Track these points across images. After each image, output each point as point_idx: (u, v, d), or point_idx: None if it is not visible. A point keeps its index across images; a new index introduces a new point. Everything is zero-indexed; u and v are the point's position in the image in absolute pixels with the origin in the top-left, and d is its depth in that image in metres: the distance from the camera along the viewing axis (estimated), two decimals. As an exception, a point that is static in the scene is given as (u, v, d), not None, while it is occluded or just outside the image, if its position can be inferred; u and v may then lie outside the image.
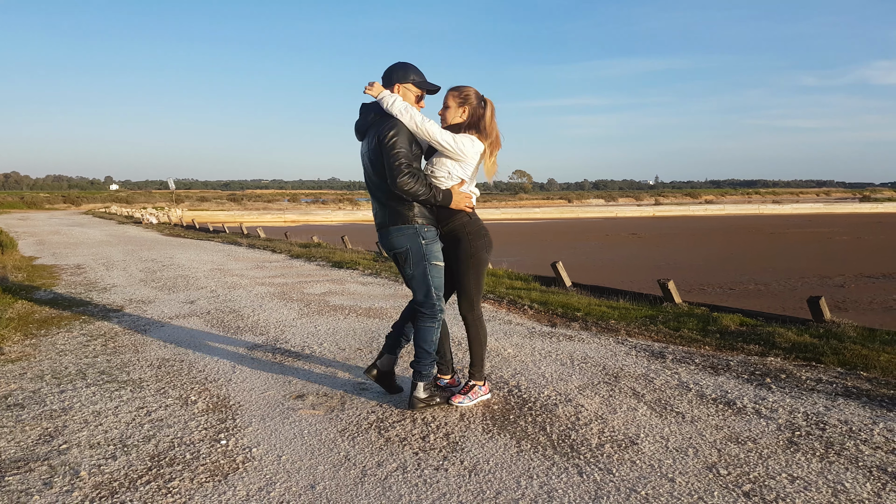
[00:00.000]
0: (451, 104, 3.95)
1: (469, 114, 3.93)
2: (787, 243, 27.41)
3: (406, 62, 3.97)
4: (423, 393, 3.92)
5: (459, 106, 3.93)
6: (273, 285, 9.41)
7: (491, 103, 3.96)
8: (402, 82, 3.92)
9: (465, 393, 4.01)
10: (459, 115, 3.94)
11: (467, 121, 3.93)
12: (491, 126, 3.93)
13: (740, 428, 3.60)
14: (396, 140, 3.72)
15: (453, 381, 4.25)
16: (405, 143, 3.74)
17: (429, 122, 3.78)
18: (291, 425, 3.72)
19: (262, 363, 5.08)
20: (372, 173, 3.90)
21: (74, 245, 17.36)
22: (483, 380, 4.09)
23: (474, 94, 3.94)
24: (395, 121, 3.77)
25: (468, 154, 3.85)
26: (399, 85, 3.91)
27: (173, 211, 48.02)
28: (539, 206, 76.08)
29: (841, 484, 2.92)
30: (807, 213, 60.22)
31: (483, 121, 3.91)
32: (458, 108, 3.94)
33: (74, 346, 5.63)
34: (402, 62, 3.97)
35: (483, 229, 4.00)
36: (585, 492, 2.88)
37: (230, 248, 16.03)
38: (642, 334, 5.94)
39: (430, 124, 3.78)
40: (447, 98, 3.98)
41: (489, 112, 3.93)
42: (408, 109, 3.76)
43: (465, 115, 3.93)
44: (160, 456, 3.30)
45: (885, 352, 4.95)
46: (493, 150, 3.96)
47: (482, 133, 3.91)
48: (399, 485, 2.97)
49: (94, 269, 11.76)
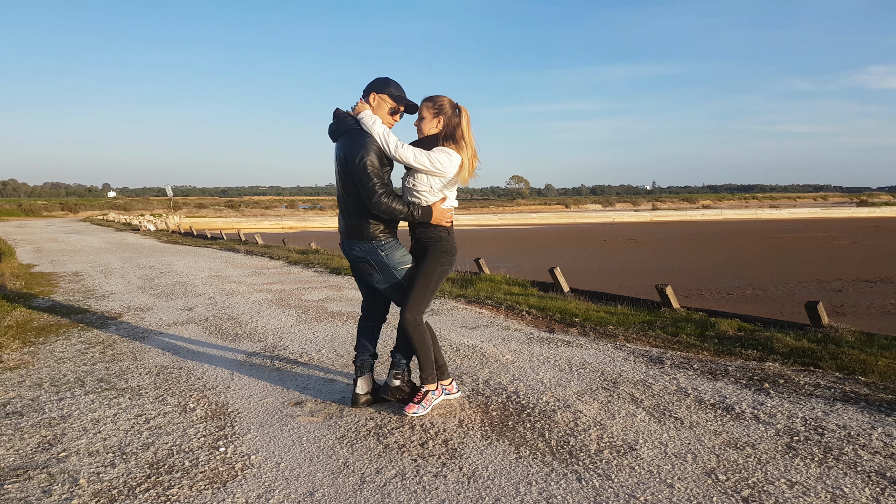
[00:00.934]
0: (425, 115, 3.95)
1: (444, 124, 3.92)
2: (785, 248, 27.46)
3: (388, 77, 4.01)
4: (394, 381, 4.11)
5: (434, 116, 3.92)
6: (271, 292, 9.40)
7: (466, 111, 3.93)
8: (379, 92, 3.94)
9: (419, 402, 4.00)
10: (435, 126, 3.93)
11: (443, 131, 3.91)
12: (468, 135, 3.91)
13: (739, 433, 3.61)
14: (366, 161, 3.75)
15: (451, 389, 4.25)
16: (376, 162, 3.77)
17: (402, 148, 3.79)
18: (290, 432, 3.72)
19: (260, 370, 5.08)
20: (339, 181, 3.99)
21: (72, 252, 17.35)
22: (436, 383, 4.06)
23: (448, 104, 3.93)
24: (364, 139, 3.78)
25: (447, 170, 3.85)
26: (375, 94, 3.94)
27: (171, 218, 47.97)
28: (536, 211, 76.15)
29: (840, 489, 2.93)
30: (804, 217, 60.32)
31: (459, 130, 3.89)
32: (433, 119, 3.93)
33: (73, 354, 5.63)
34: (384, 77, 4.01)
35: (454, 248, 4.01)
36: (584, 498, 2.89)
37: (228, 255, 16.03)
38: (640, 340, 5.95)
39: (405, 150, 3.79)
40: (421, 109, 3.97)
41: (464, 121, 3.91)
42: (384, 134, 3.79)
43: (440, 126, 3.92)
44: (159, 463, 3.30)
45: (883, 356, 4.96)
46: (473, 160, 3.94)
47: (458, 144, 3.89)
48: (398, 491, 2.97)
49: (93, 276, 11.75)
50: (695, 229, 43.55)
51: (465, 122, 3.92)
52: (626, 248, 29.05)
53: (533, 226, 50.84)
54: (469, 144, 3.91)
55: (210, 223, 48.80)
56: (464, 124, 3.91)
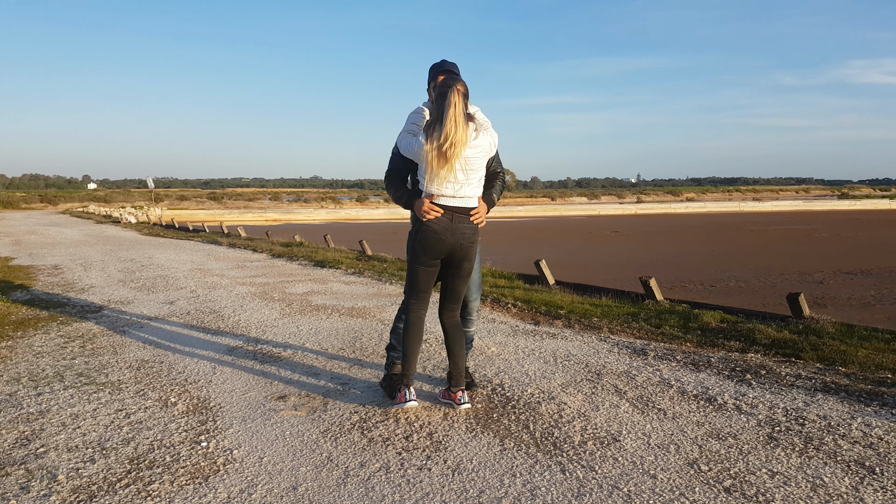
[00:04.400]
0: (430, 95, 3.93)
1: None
2: (768, 240, 27.71)
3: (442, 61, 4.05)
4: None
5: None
6: (254, 285, 9.34)
7: (444, 87, 3.64)
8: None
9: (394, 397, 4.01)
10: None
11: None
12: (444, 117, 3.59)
13: (721, 424, 3.63)
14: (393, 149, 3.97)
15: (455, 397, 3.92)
16: (395, 150, 3.95)
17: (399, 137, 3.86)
18: (273, 427, 3.69)
19: (243, 364, 5.04)
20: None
21: (51, 245, 17.13)
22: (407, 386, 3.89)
23: (433, 77, 3.85)
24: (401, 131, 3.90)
25: (406, 153, 3.79)
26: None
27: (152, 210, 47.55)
28: (522, 204, 76.25)
29: (820, 478, 2.95)
30: (787, 210, 60.93)
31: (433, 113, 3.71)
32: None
33: (52, 348, 5.55)
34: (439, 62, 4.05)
35: (423, 241, 3.75)
36: (568, 489, 2.89)
37: (210, 248, 15.89)
38: (624, 332, 5.97)
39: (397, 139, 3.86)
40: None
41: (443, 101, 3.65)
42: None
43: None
44: (139, 459, 3.26)
45: (863, 347, 5.02)
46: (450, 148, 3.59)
47: (426, 129, 3.69)
48: (382, 485, 2.96)
49: (72, 269, 11.61)
50: (679, 222, 43.84)
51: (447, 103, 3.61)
52: (610, 240, 29.18)
53: (519, 218, 50.92)
54: (443, 130, 3.59)
55: (192, 215, 48.37)
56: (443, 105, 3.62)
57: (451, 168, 3.64)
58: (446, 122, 3.57)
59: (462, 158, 3.65)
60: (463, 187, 3.73)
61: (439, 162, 3.62)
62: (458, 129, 3.59)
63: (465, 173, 3.69)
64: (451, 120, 3.57)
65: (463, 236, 3.77)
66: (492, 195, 4.03)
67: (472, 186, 3.76)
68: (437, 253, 3.81)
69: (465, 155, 3.66)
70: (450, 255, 3.82)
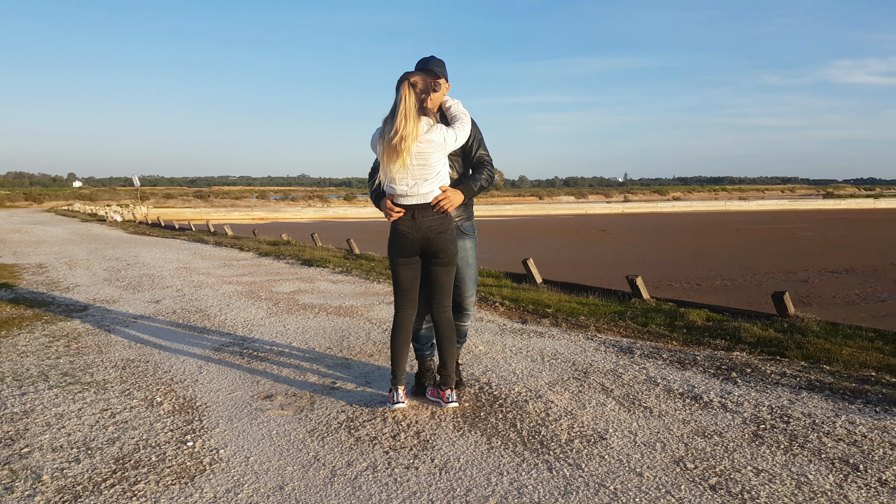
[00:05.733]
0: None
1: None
2: (753, 239, 27.91)
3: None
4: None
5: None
6: (241, 284, 9.29)
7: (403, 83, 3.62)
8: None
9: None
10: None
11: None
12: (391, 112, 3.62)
13: (707, 422, 3.65)
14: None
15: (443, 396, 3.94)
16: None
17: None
18: (260, 426, 3.68)
19: (229, 363, 5.01)
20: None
21: (36, 244, 16.96)
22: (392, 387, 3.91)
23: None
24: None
25: (373, 150, 3.78)
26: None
27: (138, 208, 47.16)
28: (510, 202, 76.35)
29: (804, 476, 2.98)
30: (772, 209, 61.38)
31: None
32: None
33: (36, 347, 5.50)
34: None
35: (394, 241, 3.77)
36: (555, 487, 2.90)
37: (197, 246, 15.80)
38: (611, 330, 6.00)
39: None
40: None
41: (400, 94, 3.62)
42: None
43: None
44: (125, 458, 3.24)
45: (847, 346, 5.07)
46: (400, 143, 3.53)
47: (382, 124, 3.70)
48: (369, 484, 2.96)
49: (57, 268, 11.50)
50: (665, 221, 44.06)
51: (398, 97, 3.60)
52: (598, 239, 29.29)
53: (507, 217, 50.99)
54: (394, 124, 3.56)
55: (178, 214, 48.06)
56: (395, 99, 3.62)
57: (403, 164, 3.57)
58: (397, 115, 3.54)
59: (413, 153, 3.57)
60: (418, 184, 3.66)
61: (391, 157, 3.58)
62: (407, 123, 3.52)
63: (418, 169, 3.63)
64: (402, 114, 3.53)
65: (429, 230, 3.70)
66: (471, 184, 3.89)
67: (429, 183, 3.68)
68: (408, 251, 3.76)
69: (417, 149, 3.59)
70: (423, 250, 3.77)
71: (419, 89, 3.62)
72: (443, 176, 3.75)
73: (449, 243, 3.78)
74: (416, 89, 3.60)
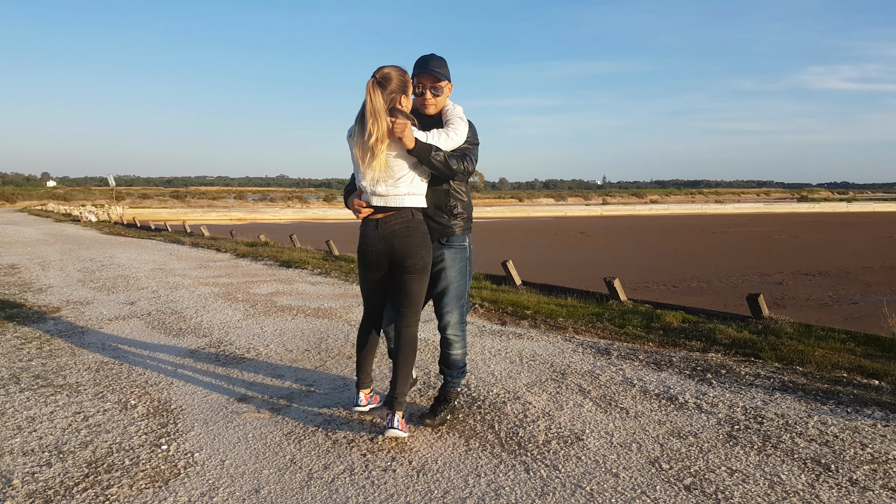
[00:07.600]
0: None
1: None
2: (729, 242, 28.24)
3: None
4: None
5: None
6: (217, 285, 9.21)
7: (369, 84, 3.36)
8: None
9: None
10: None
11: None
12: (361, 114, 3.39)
13: (682, 423, 3.69)
14: None
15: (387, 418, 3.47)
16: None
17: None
18: (235, 429, 3.64)
19: (205, 366, 4.96)
20: None
21: (8, 244, 16.66)
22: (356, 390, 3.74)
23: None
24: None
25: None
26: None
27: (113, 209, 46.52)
28: (491, 205, 76.39)
29: (777, 476, 3.02)
30: (747, 212, 62.17)
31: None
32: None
33: (7, 350, 5.40)
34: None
35: (361, 245, 3.56)
36: (532, 489, 2.91)
37: (173, 247, 15.63)
38: (589, 332, 6.03)
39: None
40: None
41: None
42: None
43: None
44: (98, 462, 3.19)
45: (820, 347, 5.15)
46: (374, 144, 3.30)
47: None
48: (346, 487, 2.94)
49: (30, 268, 11.31)
50: (643, 223, 44.44)
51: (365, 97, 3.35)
52: (577, 241, 29.45)
53: (487, 219, 51.07)
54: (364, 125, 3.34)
55: (154, 214, 47.49)
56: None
57: (372, 165, 3.34)
58: (367, 115, 3.31)
59: (385, 156, 3.34)
60: (386, 185, 3.41)
61: (363, 156, 3.37)
62: (378, 124, 3.28)
63: (388, 171, 3.38)
64: (370, 112, 3.29)
65: (392, 235, 3.42)
66: (431, 145, 3.39)
67: (400, 187, 3.42)
68: (374, 265, 3.51)
69: (389, 152, 3.35)
70: (389, 258, 3.47)
71: (390, 88, 3.33)
72: (416, 181, 3.47)
73: (416, 248, 3.44)
74: (383, 88, 3.32)
